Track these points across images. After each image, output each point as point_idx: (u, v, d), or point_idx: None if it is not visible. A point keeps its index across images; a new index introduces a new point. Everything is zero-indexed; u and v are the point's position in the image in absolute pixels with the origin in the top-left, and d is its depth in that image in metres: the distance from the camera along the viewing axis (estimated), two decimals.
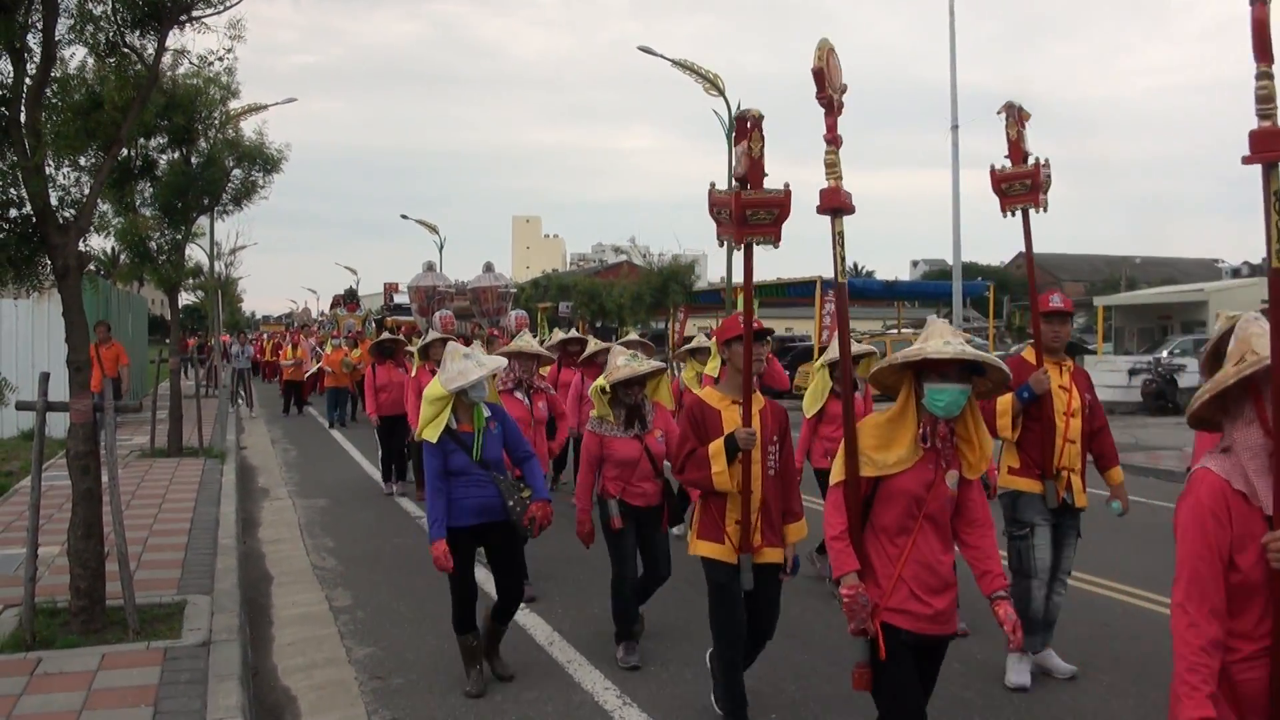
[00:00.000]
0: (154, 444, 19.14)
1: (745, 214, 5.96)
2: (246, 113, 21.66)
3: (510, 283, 22.24)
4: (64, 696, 6.64)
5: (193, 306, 61.00)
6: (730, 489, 6.25)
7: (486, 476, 7.21)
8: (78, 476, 8.02)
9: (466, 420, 7.26)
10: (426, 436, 7.09)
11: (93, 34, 8.41)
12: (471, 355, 7.29)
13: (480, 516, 7.23)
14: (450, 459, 7.14)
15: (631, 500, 7.91)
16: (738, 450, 6.18)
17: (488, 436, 7.29)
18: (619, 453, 7.87)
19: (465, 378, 7.05)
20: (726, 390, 6.61)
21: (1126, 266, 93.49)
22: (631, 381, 7.85)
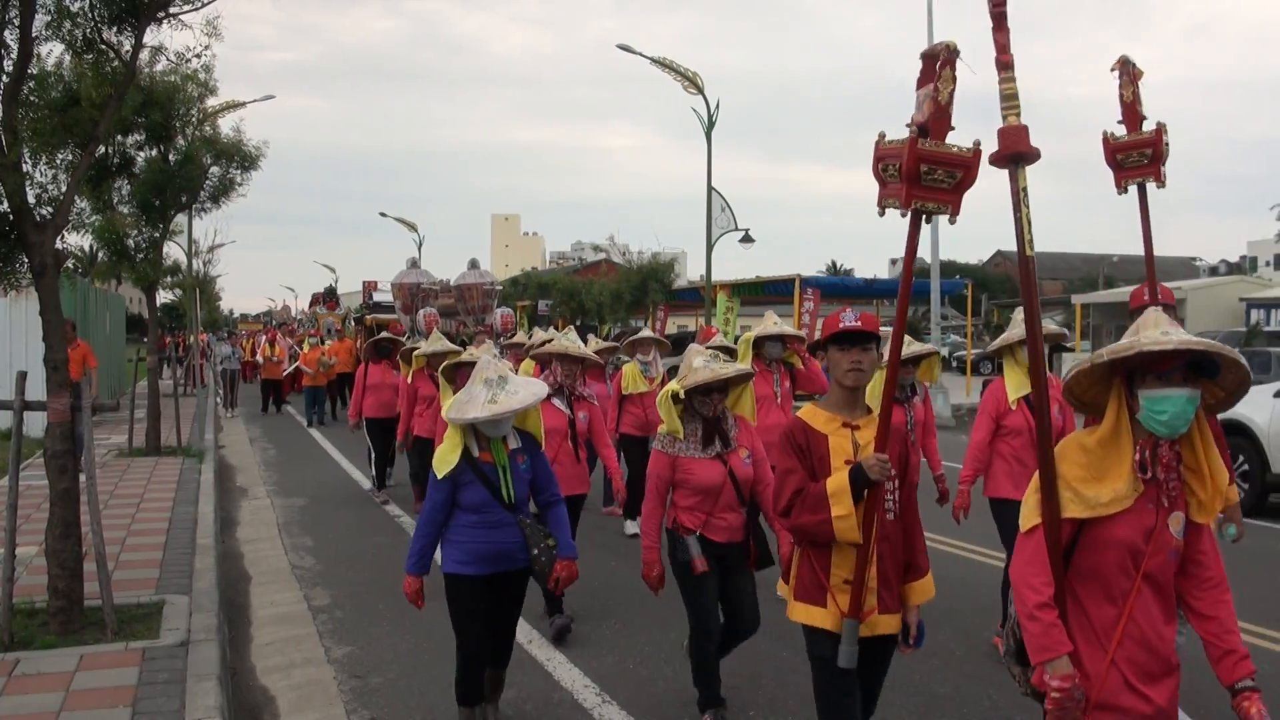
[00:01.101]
0: (132, 443, 19.06)
1: (920, 171, 4.49)
2: (224, 110, 21.63)
3: (496, 280, 21.88)
4: (42, 698, 6.61)
5: (171, 305, 60.85)
6: (857, 539, 4.71)
7: (508, 517, 6.14)
8: (55, 476, 7.99)
9: (487, 449, 6.16)
10: (437, 471, 6.07)
11: (70, 30, 8.37)
12: (504, 382, 6.03)
13: (496, 565, 6.19)
14: (464, 492, 6.11)
15: (713, 536, 6.53)
16: (867, 486, 4.67)
17: (514, 472, 6.19)
18: (697, 477, 6.49)
19: (476, 410, 5.92)
20: (833, 408, 5.06)
21: (1104, 264, 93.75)
22: (711, 388, 6.47)
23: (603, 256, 74.78)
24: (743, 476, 6.55)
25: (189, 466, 16.94)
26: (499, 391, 5.95)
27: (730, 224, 30.44)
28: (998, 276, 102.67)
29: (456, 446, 6.08)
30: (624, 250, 59.46)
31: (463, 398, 6.04)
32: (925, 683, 7.40)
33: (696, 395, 6.50)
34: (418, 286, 22.33)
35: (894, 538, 4.92)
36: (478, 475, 6.09)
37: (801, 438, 4.99)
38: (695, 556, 6.45)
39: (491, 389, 5.96)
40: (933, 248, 29.61)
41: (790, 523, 4.89)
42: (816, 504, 4.75)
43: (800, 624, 5.03)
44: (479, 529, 6.13)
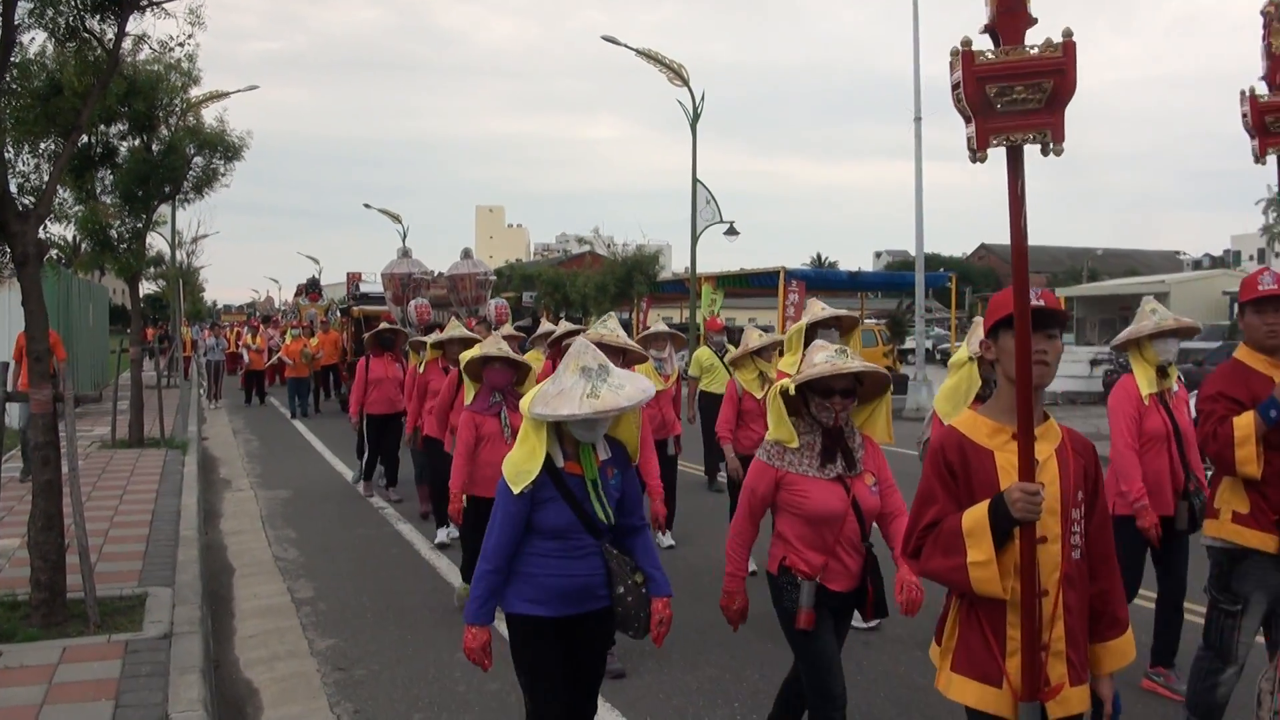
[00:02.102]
0: (115, 435, 18.98)
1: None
2: (208, 100, 21.49)
3: (489, 271, 21.28)
4: (24, 690, 6.58)
5: (154, 296, 60.65)
6: (1000, 593, 3.68)
7: (593, 545, 4.91)
8: (38, 468, 7.95)
9: (574, 457, 4.89)
10: (512, 484, 4.78)
11: (53, 18, 8.33)
12: (605, 373, 4.77)
13: (576, 604, 4.92)
14: (542, 512, 4.83)
15: (832, 584, 5.27)
16: (1014, 524, 3.62)
17: (604, 486, 4.92)
18: (811, 501, 5.22)
19: (572, 406, 4.63)
20: (1002, 413, 3.93)
21: (1089, 258, 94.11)
22: (833, 389, 5.18)
23: (587, 248, 74.79)
24: (868, 507, 5.32)
25: (172, 458, 16.88)
26: (600, 384, 4.71)
27: (715, 216, 30.47)
28: (981, 269, 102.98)
29: (536, 453, 4.81)
30: (609, 242, 59.35)
31: (549, 389, 4.80)
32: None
33: (814, 397, 5.24)
34: (409, 276, 21.69)
35: (1080, 582, 3.85)
36: (562, 491, 4.84)
37: (955, 454, 3.91)
38: (804, 608, 5.19)
39: (590, 380, 4.71)
40: (917, 240, 29.62)
41: (921, 566, 3.94)
42: (950, 544, 3.76)
43: (964, 706, 3.94)
44: (557, 559, 4.87)
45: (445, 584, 9.95)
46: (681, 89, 29.29)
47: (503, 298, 21.07)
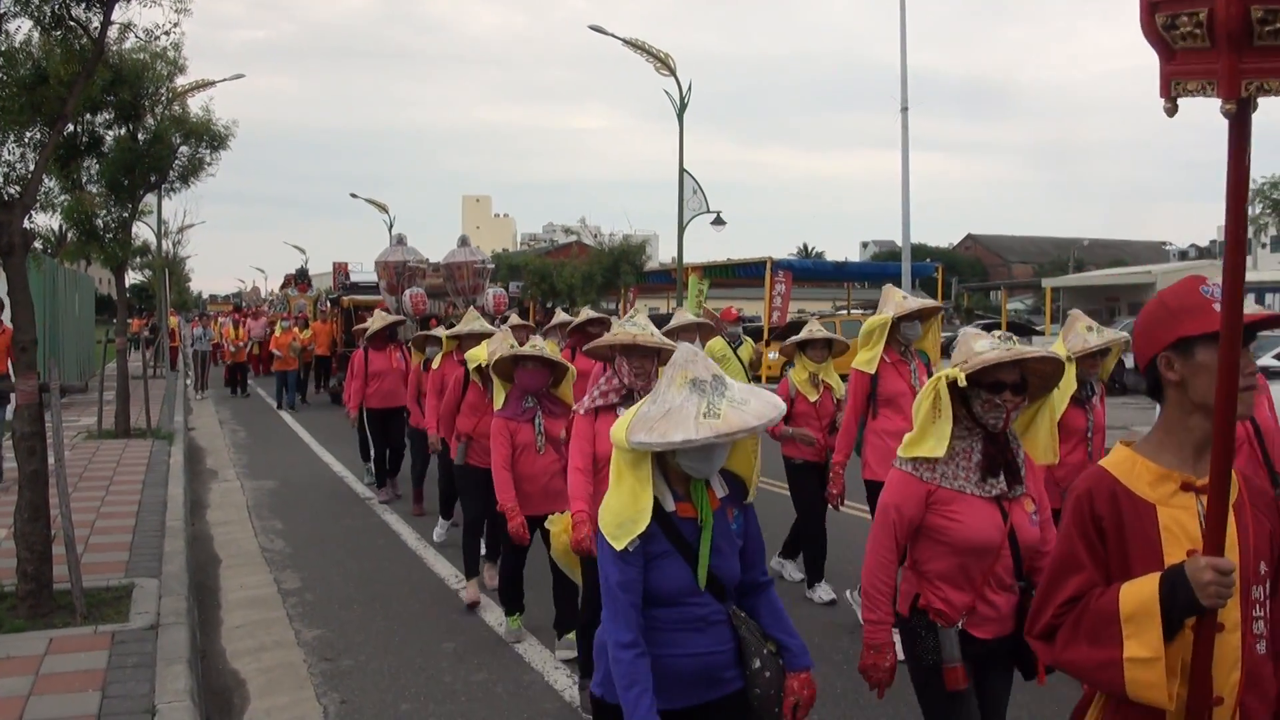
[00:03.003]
0: (101, 425, 18.95)
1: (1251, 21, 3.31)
2: (194, 89, 21.43)
3: (487, 259, 20.69)
4: (11, 681, 6.57)
5: (140, 286, 60.51)
6: (1164, 701, 2.72)
7: (718, 611, 3.83)
8: (24, 458, 7.94)
9: (686, 497, 3.83)
10: (616, 540, 3.69)
11: (38, 6, 8.29)
12: (722, 386, 3.70)
13: (704, 690, 3.85)
14: (653, 573, 3.74)
15: (978, 631, 4.28)
16: (1193, 612, 2.71)
17: (722, 531, 3.86)
18: (966, 526, 4.24)
19: (687, 429, 3.56)
20: (1169, 453, 2.98)
21: (1075, 249, 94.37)
22: (1004, 383, 4.24)
23: (574, 238, 74.80)
24: (1026, 540, 4.32)
25: (158, 449, 16.85)
26: (718, 400, 3.64)
27: (702, 206, 30.46)
28: (968, 259, 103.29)
29: (639, 496, 3.71)
30: (595, 232, 59.42)
31: (651, 410, 3.72)
32: None
33: (980, 393, 4.27)
34: (404, 265, 20.97)
35: (1265, 684, 2.88)
36: (676, 543, 3.77)
37: (1106, 506, 2.92)
38: (952, 663, 4.22)
39: (706, 396, 3.66)
40: (904, 230, 29.73)
41: (1055, 655, 2.95)
42: (1100, 631, 2.81)
43: None
44: (672, 632, 3.79)
45: (432, 574, 9.96)
46: (669, 79, 29.28)
47: (500, 287, 20.37)
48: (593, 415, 6.20)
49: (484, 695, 6.93)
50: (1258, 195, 57.53)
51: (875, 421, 7.97)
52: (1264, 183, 53.35)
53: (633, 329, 6.13)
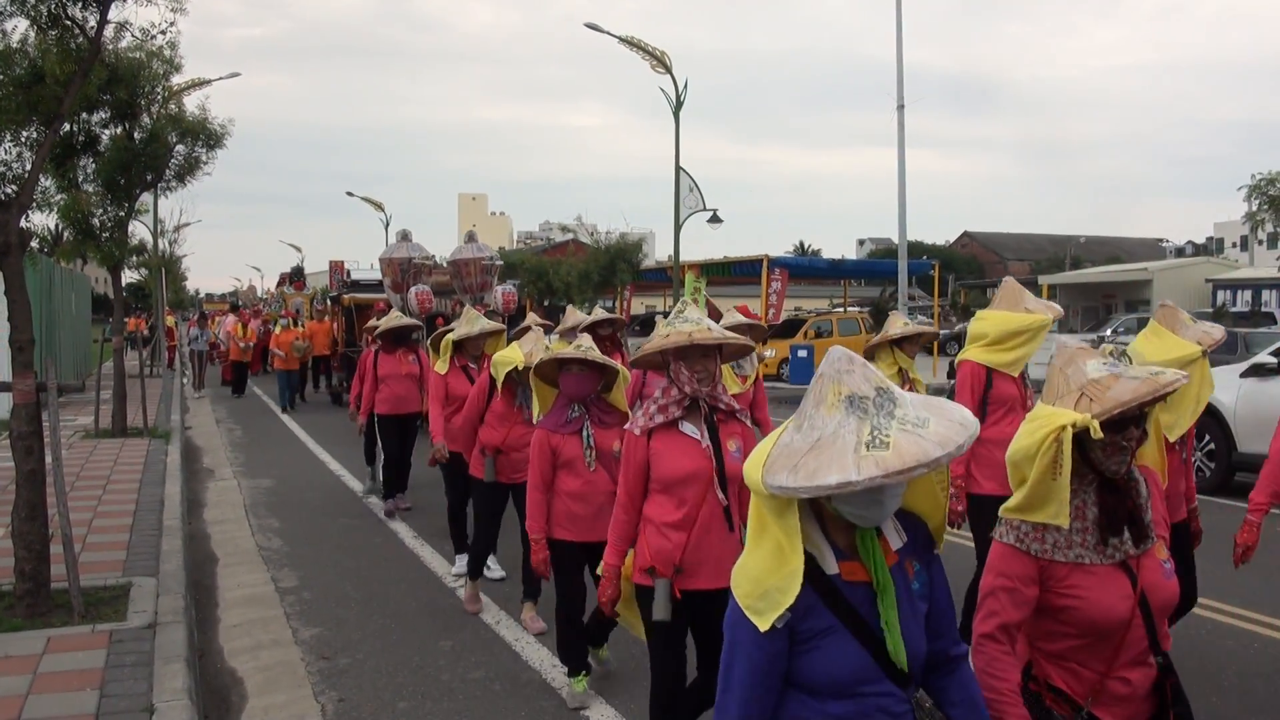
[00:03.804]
0: (98, 424, 18.94)
1: None
2: (190, 88, 21.41)
3: (495, 255, 19.77)
4: (9, 680, 6.58)
5: (136, 285, 60.42)
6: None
7: (899, 700, 2.97)
8: (21, 458, 7.93)
9: (851, 552, 2.96)
10: (757, 615, 2.86)
11: (35, 5, 8.30)
12: (890, 402, 2.79)
13: None
14: (812, 655, 2.92)
15: (1105, 711, 3.54)
16: None
17: (902, 594, 2.98)
18: (1090, 605, 3.47)
19: (846, 468, 2.66)
20: None
21: (1071, 245, 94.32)
22: (1128, 418, 3.42)
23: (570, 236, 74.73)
24: (1161, 601, 3.54)
25: (155, 448, 16.86)
26: (886, 422, 2.72)
27: (698, 204, 30.44)
28: (964, 257, 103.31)
29: (787, 556, 2.81)
30: (592, 230, 59.28)
31: (795, 441, 2.81)
32: None
33: (1106, 438, 3.38)
34: (409, 261, 19.80)
35: None
36: (843, 616, 2.89)
37: None
38: None
39: (868, 418, 2.73)
40: (900, 228, 29.69)
41: None
42: None
43: None
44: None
45: (429, 573, 9.96)
46: (664, 76, 29.26)
47: (510, 284, 19.57)
48: (647, 436, 5.17)
49: (481, 693, 6.93)
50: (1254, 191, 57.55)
51: (985, 428, 6.64)
52: (1260, 179, 53.35)
53: (686, 326, 5.11)
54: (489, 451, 8.19)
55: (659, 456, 5.11)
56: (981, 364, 7.04)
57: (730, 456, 5.10)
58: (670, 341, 5.03)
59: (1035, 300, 7.17)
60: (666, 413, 5.13)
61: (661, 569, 5.06)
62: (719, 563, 4.95)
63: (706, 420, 5.15)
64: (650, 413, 5.17)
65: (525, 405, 7.84)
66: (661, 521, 5.11)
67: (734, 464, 5.02)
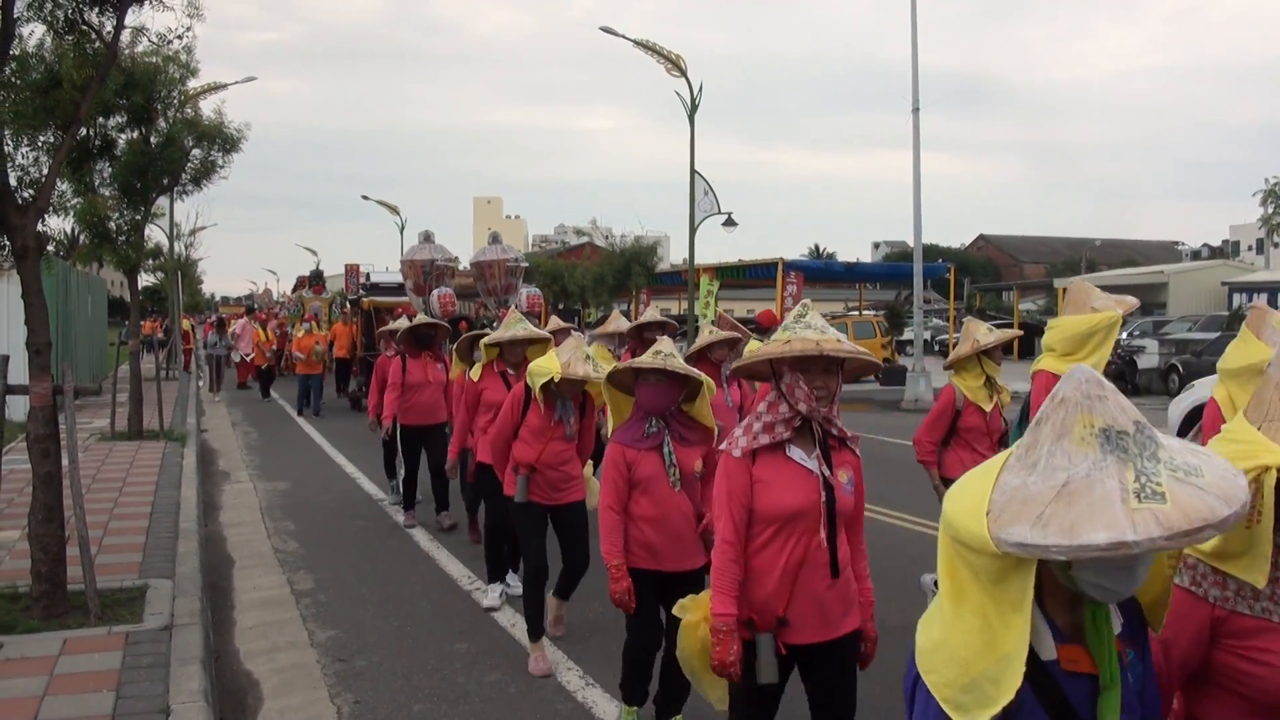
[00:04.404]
0: (114, 427, 19.00)
1: None
2: (206, 92, 21.47)
3: (520, 257, 18.91)
4: (25, 682, 6.59)
5: (153, 288, 60.60)
6: None
7: None
8: (38, 460, 7.96)
9: (1072, 631, 2.39)
10: (955, 710, 2.27)
11: (52, 11, 8.33)
12: (1145, 440, 2.14)
13: None
14: None
15: None
16: None
17: (1127, 696, 2.38)
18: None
19: (1102, 526, 2.00)
20: None
21: (1087, 249, 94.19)
22: None
23: (586, 240, 74.77)
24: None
25: (171, 450, 16.89)
26: (1154, 466, 2.13)
27: (713, 207, 30.41)
28: (980, 260, 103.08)
29: (1007, 636, 2.22)
30: (607, 233, 59.36)
31: (1034, 485, 2.18)
32: None
33: None
34: (431, 264, 19.18)
35: None
36: (1056, 711, 2.33)
37: None
38: None
39: (1132, 460, 2.14)
40: (915, 231, 29.65)
41: None
42: None
43: None
44: None
45: (445, 575, 9.97)
46: (679, 79, 29.26)
47: (534, 286, 18.78)
48: (750, 458, 4.40)
49: (497, 696, 6.94)
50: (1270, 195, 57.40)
51: None
52: (1275, 183, 53.23)
53: (811, 334, 4.27)
54: (522, 469, 7.39)
55: (763, 486, 4.34)
56: (1055, 374, 6.34)
57: (842, 490, 4.40)
58: (792, 349, 4.22)
59: (1104, 297, 6.74)
60: (773, 433, 4.35)
61: (762, 621, 4.34)
62: (824, 613, 4.36)
63: (821, 447, 4.39)
64: (754, 431, 4.39)
65: (564, 419, 7.39)
66: (762, 564, 4.37)
67: (845, 499, 4.41)
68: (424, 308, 17.69)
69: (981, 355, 7.75)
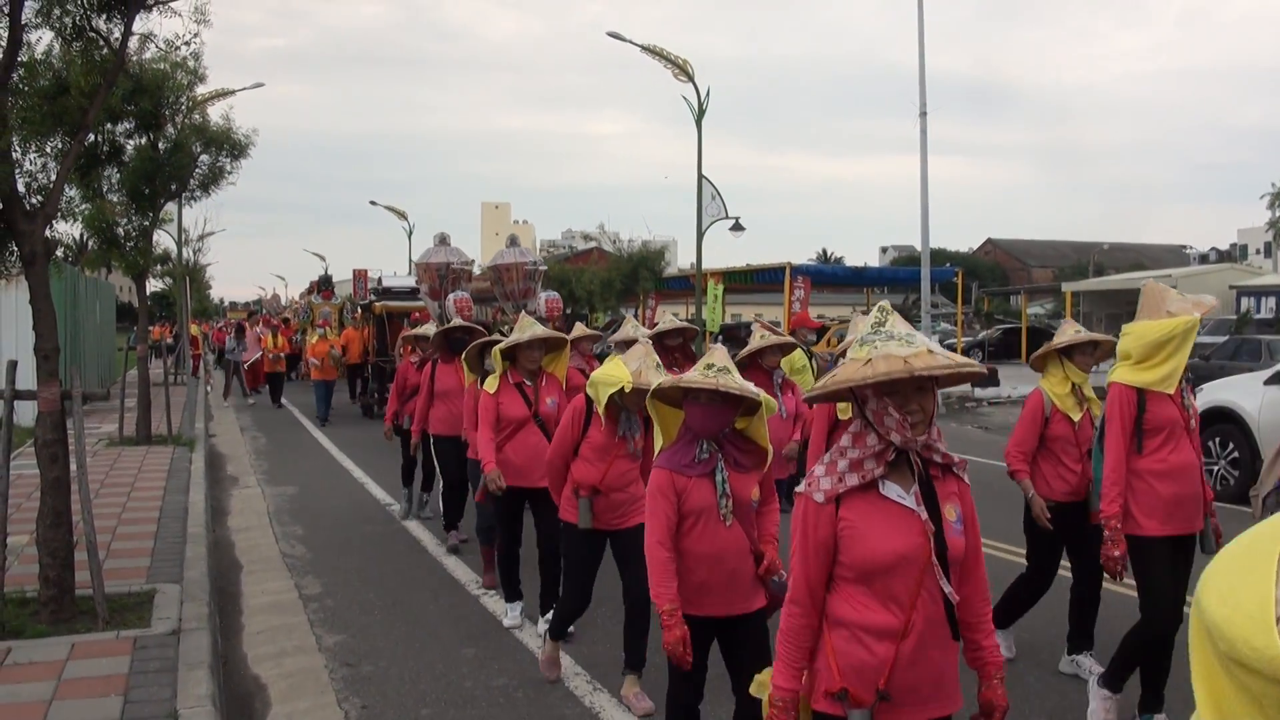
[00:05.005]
0: (123, 432, 19.02)
1: None
2: (214, 98, 21.52)
3: (539, 260, 18.31)
4: (33, 686, 6.60)
5: (161, 293, 60.73)
6: None
7: None
8: (46, 465, 7.97)
9: None
10: None
11: (60, 17, 8.33)
12: None
13: None
14: None
15: None
16: None
17: None
18: None
19: None
20: None
21: (1095, 253, 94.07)
22: None
23: (593, 245, 74.78)
24: None
25: (180, 455, 16.92)
26: None
27: (721, 212, 30.43)
28: (987, 264, 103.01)
29: None
30: (614, 238, 59.39)
31: None
32: None
33: None
34: (447, 267, 18.31)
35: None
36: None
37: None
38: None
39: None
40: (923, 235, 29.63)
41: None
42: None
43: None
44: None
45: (453, 580, 9.97)
46: (687, 84, 29.28)
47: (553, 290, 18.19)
48: (834, 503, 3.62)
49: (504, 700, 6.94)
50: (1277, 199, 57.31)
51: (1141, 459, 6.18)
52: None
53: (898, 348, 3.46)
54: (584, 491, 6.73)
55: (854, 532, 3.57)
56: (1130, 385, 6.22)
57: (951, 530, 3.62)
58: (877, 373, 3.43)
59: (1179, 299, 6.29)
60: (862, 470, 3.59)
61: (859, 693, 3.54)
62: (939, 684, 3.62)
63: (921, 481, 3.63)
64: (839, 470, 3.63)
65: (630, 435, 6.77)
66: (858, 624, 3.58)
67: (957, 541, 3.62)
68: (439, 312, 17.14)
69: (1063, 357, 7.31)
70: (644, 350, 6.49)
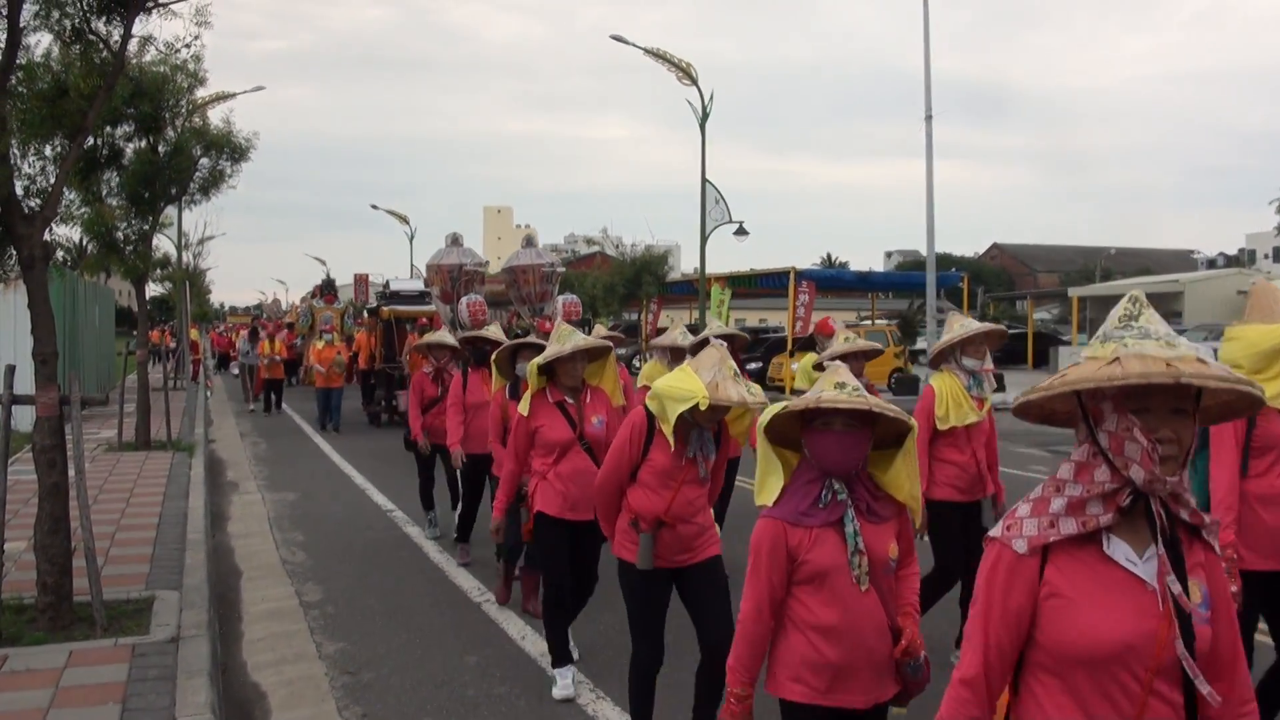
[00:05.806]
0: (121, 437, 18.98)
1: None
2: (214, 101, 21.48)
3: (556, 263, 17.39)
4: (31, 694, 6.54)
5: (161, 298, 60.78)
6: None
7: None
8: (44, 471, 7.92)
9: None
10: None
11: (59, 20, 8.29)
12: None
13: None
14: None
15: None
16: None
17: None
18: None
19: None
20: None
21: (1101, 257, 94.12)
22: None
23: (596, 249, 74.92)
24: None
25: (179, 461, 16.88)
26: None
27: (724, 216, 30.43)
28: (993, 269, 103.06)
29: None
30: (617, 243, 59.45)
31: None
32: None
33: None
34: (459, 269, 17.52)
35: None
36: None
37: None
38: None
39: None
40: (928, 239, 29.60)
41: None
42: None
43: None
44: None
45: (454, 587, 9.91)
46: (690, 88, 29.26)
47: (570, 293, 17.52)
48: (1040, 554, 2.68)
49: (507, 709, 6.87)
50: None
51: (1248, 482, 5.34)
52: None
53: (1149, 345, 2.56)
54: (645, 525, 5.64)
55: (1061, 602, 2.63)
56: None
57: (1198, 617, 2.60)
58: (1129, 374, 2.51)
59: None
60: (1082, 515, 2.65)
61: None
62: None
63: (1167, 542, 2.62)
64: (1050, 510, 2.70)
65: (699, 456, 5.66)
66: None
67: (1204, 629, 2.61)
68: (452, 317, 16.73)
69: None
70: (718, 356, 5.32)
